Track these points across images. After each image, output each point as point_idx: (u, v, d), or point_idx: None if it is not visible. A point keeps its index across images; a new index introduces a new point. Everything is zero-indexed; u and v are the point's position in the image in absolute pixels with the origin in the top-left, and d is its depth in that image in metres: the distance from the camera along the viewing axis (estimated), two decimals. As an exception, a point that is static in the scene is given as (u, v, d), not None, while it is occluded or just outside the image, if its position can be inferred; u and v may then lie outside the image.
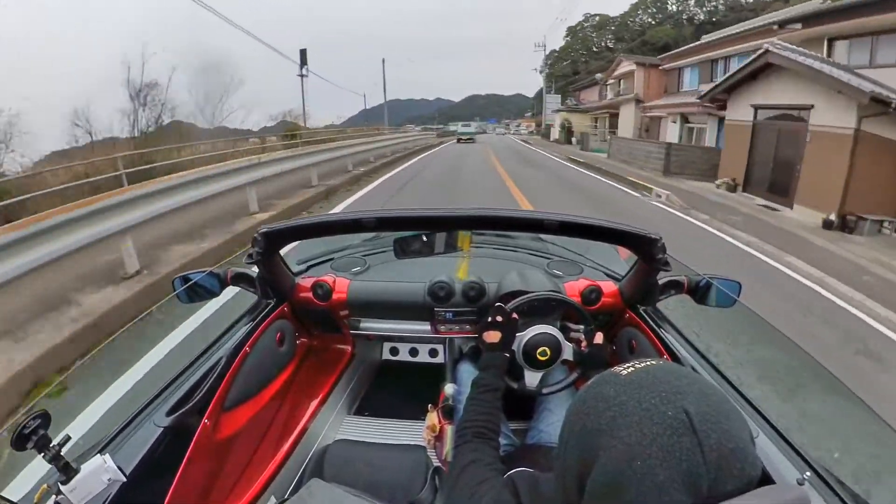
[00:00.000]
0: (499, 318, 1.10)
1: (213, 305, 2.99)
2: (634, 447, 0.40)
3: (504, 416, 1.06)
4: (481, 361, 1.08)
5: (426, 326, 1.62)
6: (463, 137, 29.48)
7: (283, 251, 1.39)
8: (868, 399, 0.87)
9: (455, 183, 10.96)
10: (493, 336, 1.09)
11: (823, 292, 4.40)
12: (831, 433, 2.10)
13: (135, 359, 2.63)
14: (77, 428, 2.07)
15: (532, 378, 1.17)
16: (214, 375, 1.11)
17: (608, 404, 0.44)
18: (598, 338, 1.15)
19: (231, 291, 1.39)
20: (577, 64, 51.87)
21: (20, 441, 0.66)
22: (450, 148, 24.40)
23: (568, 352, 1.16)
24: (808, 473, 0.73)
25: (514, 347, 1.13)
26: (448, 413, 1.37)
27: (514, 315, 1.13)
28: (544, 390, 1.19)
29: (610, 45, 52.75)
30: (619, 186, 10.84)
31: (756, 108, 9.65)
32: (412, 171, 12.85)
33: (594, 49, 53.73)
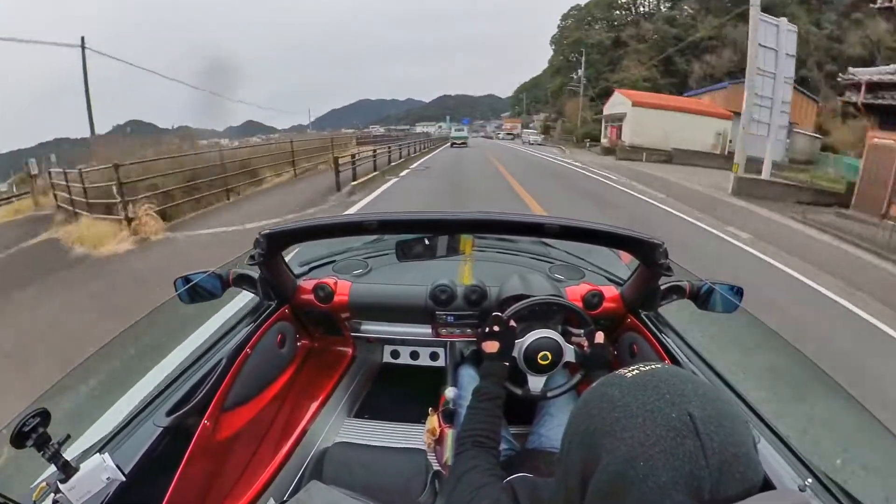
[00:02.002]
0: (496, 328, 1.10)
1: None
2: (637, 448, 0.40)
3: (504, 421, 1.05)
4: (481, 370, 1.08)
5: (427, 330, 1.61)
6: (457, 142, 30.71)
7: (285, 253, 1.39)
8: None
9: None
10: (491, 346, 1.09)
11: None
12: (833, 440, 2.09)
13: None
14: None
15: (536, 383, 1.17)
16: (215, 376, 1.11)
17: (613, 405, 0.44)
18: (599, 337, 1.14)
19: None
20: (616, 27, 33.77)
21: (19, 439, 0.65)
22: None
23: (570, 354, 1.16)
24: (809, 480, 0.72)
25: (515, 354, 1.13)
26: (448, 417, 1.36)
27: (512, 323, 1.13)
28: (549, 394, 1.19)
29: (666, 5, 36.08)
30: None
31: None
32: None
33: (642, 9, 36.25)
